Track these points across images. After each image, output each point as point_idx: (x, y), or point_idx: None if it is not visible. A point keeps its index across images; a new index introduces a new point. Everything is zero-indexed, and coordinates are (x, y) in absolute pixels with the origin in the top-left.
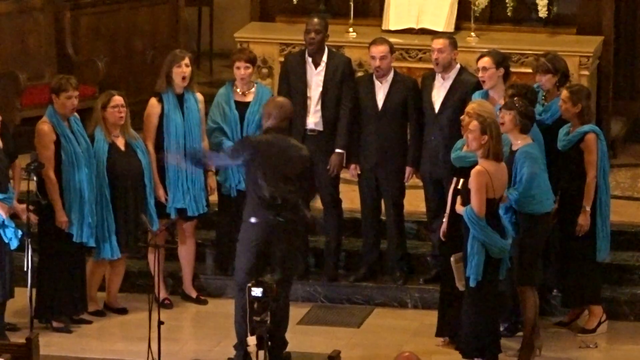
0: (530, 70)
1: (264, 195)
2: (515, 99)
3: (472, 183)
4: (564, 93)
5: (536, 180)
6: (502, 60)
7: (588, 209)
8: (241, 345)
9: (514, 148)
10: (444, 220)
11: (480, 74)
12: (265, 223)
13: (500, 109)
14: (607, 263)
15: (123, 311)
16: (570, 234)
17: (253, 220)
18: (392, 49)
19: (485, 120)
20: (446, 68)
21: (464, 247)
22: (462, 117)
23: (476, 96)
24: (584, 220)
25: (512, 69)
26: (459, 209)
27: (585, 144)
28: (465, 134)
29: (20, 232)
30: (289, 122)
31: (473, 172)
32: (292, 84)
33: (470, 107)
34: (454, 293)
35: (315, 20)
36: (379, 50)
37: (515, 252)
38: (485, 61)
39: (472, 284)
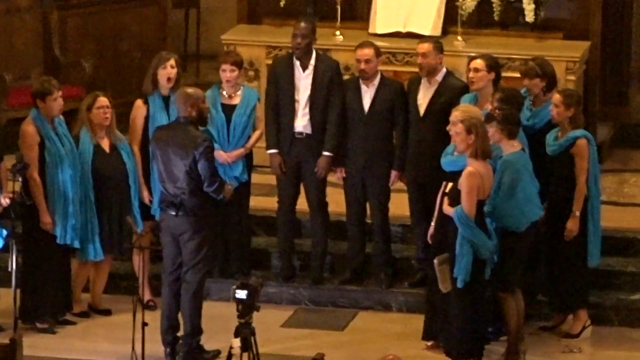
0: (517, 75)
1: (162, 190)
2: (494, 108)
3: (464, 184)
4: (556, 97)
5: (515, 192)
6: (495, 65)
7: (578, 214)
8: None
9: (503, 155)
10: (432, 223)
11: (470, 74)
12: (168, 218)
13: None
14: (592, 268)
15: (107, 312)
16: (559, 239)
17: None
18: (377, 52)
19: (469, 120)
20: (431, 72)
21: (451, 249)
22: (448, 128)
23: (464, 100)
24: (572, 226)
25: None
26: (447, 209)
27: (577, 149)
28: (452, 138)
29: (4, 232)
30: (195, 110)
31: (465, 173)
32: (280, 87)
33: (453, 116)
34: (440, 296)
35: (302, 24)
36: (364, 53)
37: (497, 258)
38: (478, 63)
39: (460, 284)
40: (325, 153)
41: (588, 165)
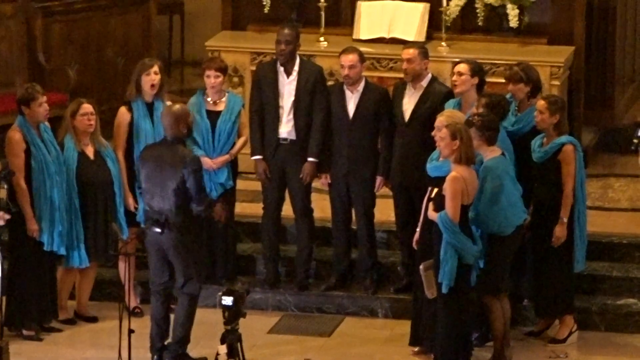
0: (501, 80)
1: (145, 204)
2: (472, 115)
3: (448, 189)
4: (541, 103)
5: (498, 197)
6: (478, 70)
7: (565, 220)
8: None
9: (484, 161)
10: (417, 229)
11: (454, 78)
12: (153, 234)
13: None
14: (577, 273)
15: (93, 319)
16: (544, 244)
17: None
18: (361, 58)
19: (454, 125)
20: (416, 78)
21: (436, 254)
22: (433, 133)
23: (449, 105)
24: (561, 232)
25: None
26: (432, 215)
27: (563, 155)
28: (437, 143)
29: None
30: (185, 127)
31: (448, 178)
32: (264, 93)
33: (438, 121)
34: (427, 301)
35: (286, 31)
36: (348, 59)
37: (482, 264)
38: (462, 67)
39: (444, 290)
40: (310, 159)
41: (575, 170)
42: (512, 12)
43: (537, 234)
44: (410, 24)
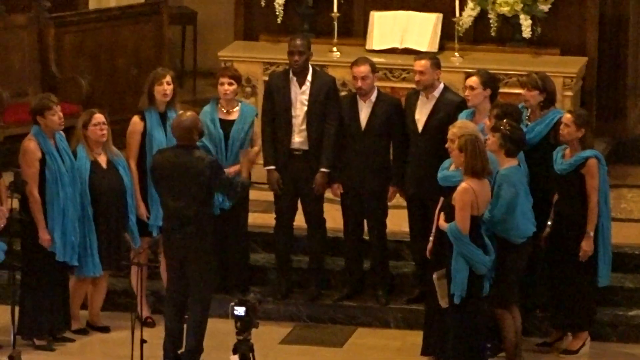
0: (513, 91)
1: (163, 211)
2: (505, 121)
3: (457, 200)
4: (567, 116)
5: (512, 206)
6: (489, 81)
7: (592, 234)
8: None
9: (499, 169)
10: (430, 238)
11: (466, 93)
12: (172, 240)
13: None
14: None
15: (105, 329)
16: (565, 257)
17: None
18: (373, 68)
19: (463, 138)
20: (429, 88)
21: (448, 264)
22: (447, 145)
23: (462, 116)
24: (587, 246)
25: None
26: (443, 225)
27: (587, 169)
28: (450, 153)
29: (4, 246)
30: (197, 134)
31: (458, 189)
32: (277, 103)
33: (451, 133)
34: (439, 311)
35: (298, 42)
36: (360, 70)
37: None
38: (473, 81)
39: (456, 300)
40: (322, 169)
41: (598, 184)
42: (525, 22)
43: (556, 246)
44: (423, 34)
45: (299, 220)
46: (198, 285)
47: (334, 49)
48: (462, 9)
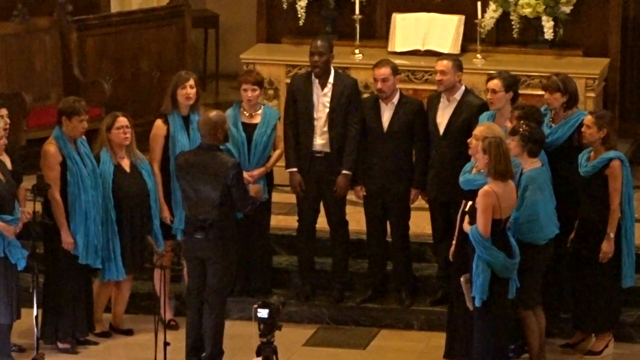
0: (535, 92)
1: (186, 212)
2: (521, 122)
3: (479, 203)
4: (588, 118)
5: (537, 207)
6: (511, 84)
7: (612, 235)
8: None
9: (524, 171)
10: (453, 242)
11: (489, 96)
12: (195, 242)
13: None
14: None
15: (129, 332)
16: (589, 259)
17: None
18: (394, 70)
19: (487, 140)
20: (450, 89)
21: (471, 267)
22: (469, 140)
23: (483, 118)
24: (608, 247)
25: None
26: (467, 227)
27: (611, 171)
28: (473, 155)
29: (26, 252)
30: (222, 134)
31: (480, 192)
32: (299, 105)
33: (477, 130)
34: (462, 314)
35: (319, 42)
36: (381, 72)
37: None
38: (495, 84)
39: (477, 303)
40: (344, 172)
41: (622, 186)
42: (548, 24)
43: (580, 247)
44: (445, 36)
45: (322, 222)
46: (214, 288)
47: (356, 51)
48: (484, 11)
